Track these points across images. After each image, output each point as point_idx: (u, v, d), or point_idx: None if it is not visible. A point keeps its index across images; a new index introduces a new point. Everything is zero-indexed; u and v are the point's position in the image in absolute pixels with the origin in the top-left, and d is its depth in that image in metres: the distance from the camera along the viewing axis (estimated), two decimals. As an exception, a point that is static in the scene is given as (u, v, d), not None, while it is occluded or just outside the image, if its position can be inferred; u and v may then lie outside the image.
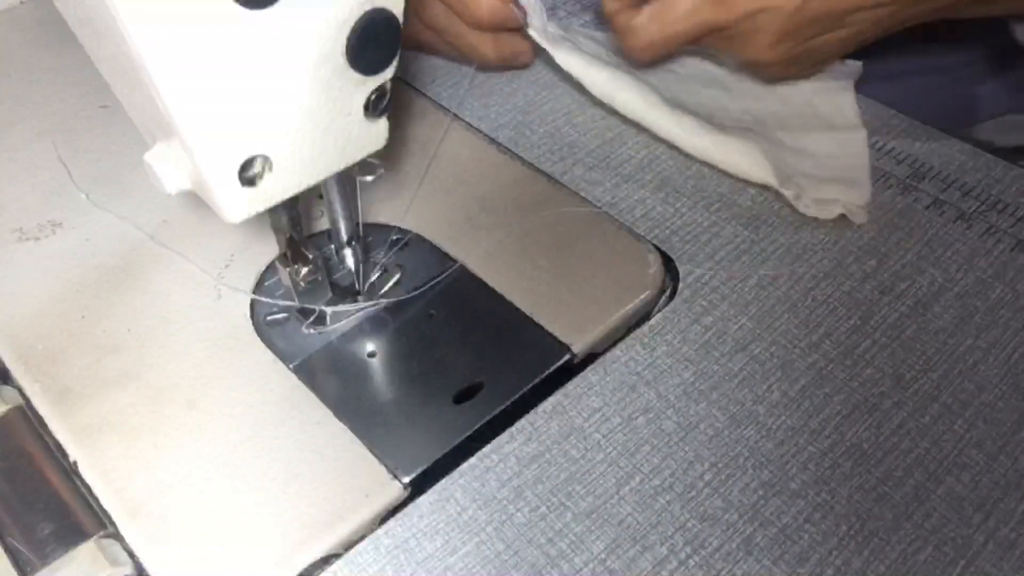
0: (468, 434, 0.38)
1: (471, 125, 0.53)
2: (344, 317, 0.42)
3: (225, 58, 0.28)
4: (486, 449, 0.38)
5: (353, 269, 0.42)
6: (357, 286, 0.42)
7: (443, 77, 0.56)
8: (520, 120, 0.53)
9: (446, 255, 0.45)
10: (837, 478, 0.37)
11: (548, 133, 0.53)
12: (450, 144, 0.51)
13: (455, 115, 0.53)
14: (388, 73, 0.33)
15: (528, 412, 0.39)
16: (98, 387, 0.40)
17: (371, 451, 0.37)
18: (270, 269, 0.45)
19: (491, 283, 0.44)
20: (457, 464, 0.37)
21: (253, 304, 0.43)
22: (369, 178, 0.37)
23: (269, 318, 0.43)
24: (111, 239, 0.47)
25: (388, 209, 0.47)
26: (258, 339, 0.42)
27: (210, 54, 0.28)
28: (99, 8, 0.27)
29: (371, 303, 0.43)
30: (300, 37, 0.29)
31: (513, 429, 0.38)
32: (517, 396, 0.39)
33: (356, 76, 0.32)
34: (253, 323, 0.42)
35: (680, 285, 0.44)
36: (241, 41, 0.28)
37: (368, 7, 0.31)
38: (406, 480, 0.36)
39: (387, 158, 0.50)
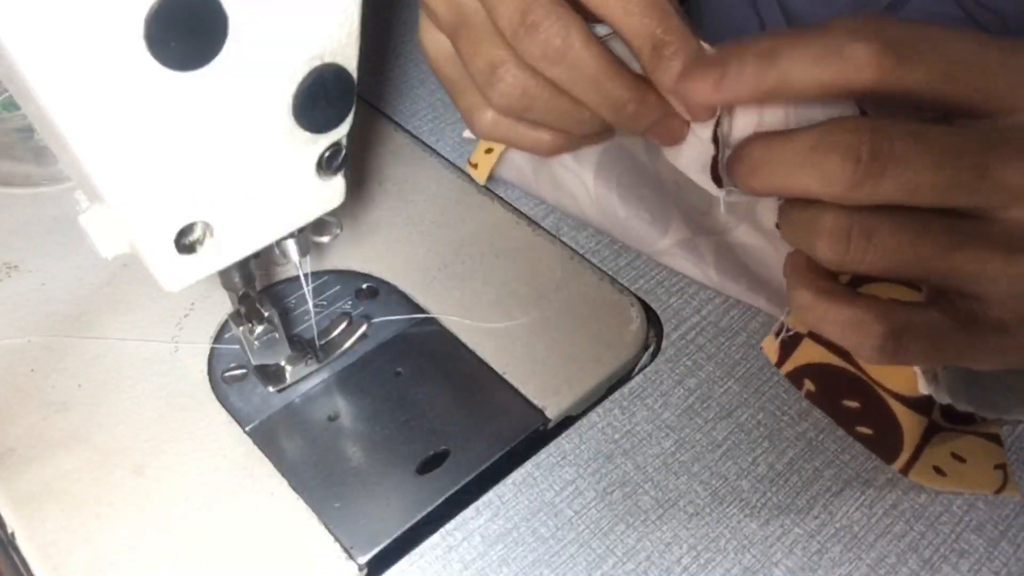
0: (430, 509, 0.36)
1: (450, 162, 0.50)
2: (304, 375, 0.40)
3: (154, 122, 0.26)
4: (449, 526, 0.35)
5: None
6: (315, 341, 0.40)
7: (424, 111, 0.54)
8: (502, 157, 0.51)
9: (417, 306, 0.43)
10: (825, 564, 0.34)
11: (531, 171, 0.50)
12: (427, 183, 0.49)
13: (434, 151, 0.51)
14: (343, 130, 0.31)
15: (496, 484, 0.37)
16: (42, 449, 0.38)
17: (326, 527, 0.35)
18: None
19: (463, 338, 0.41)
20: (418, 542, 0.35)
21: (211, 357, 0.41)
22: (325, 239, 0.34)
23: (227, 374, 0.40)
24: (67, 284, 0.44)
25: (357, 254, 0.45)
26: (214, 397, 0.39)
27: (136, 118, 0.26)
28: (16, 68, 0.25)
29: (333, 358, 0.40)
30: (237, 97, 0.27)
31: (479, 503, 0.36)
32: (485, 467, 0.37)
33: (305, 134, 0.30)
34: (210, 379, 0.40)
35: (664, 342, 0.41)
36: (171, 103, 0.26)
37: (316, 63, 0.28)
38: (362, 561, 0.34)
39: (359, 198, 0.48)
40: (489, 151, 0.46)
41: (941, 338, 0.29)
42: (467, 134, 0.50)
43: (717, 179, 0.31)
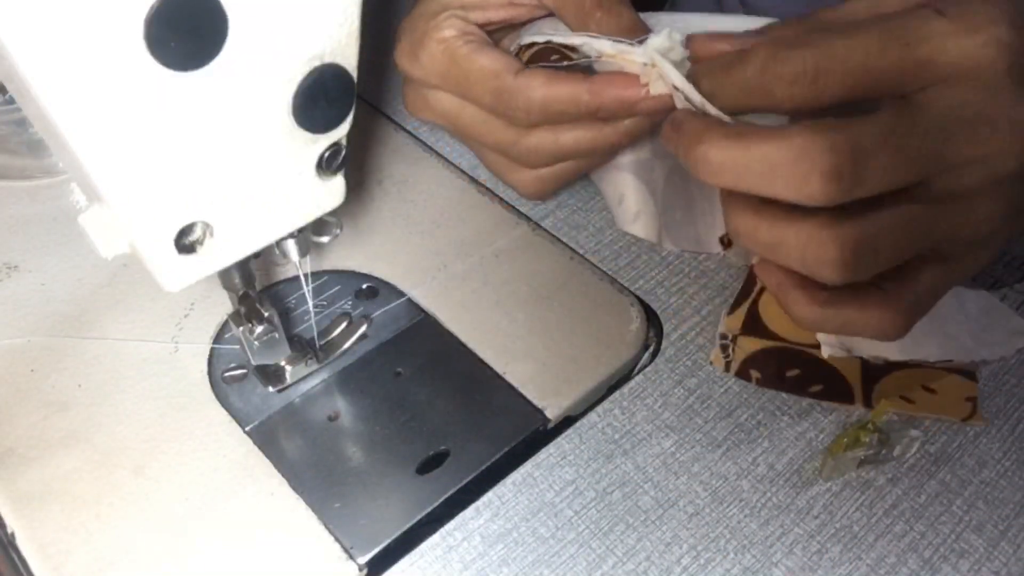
0: (430, 509, 0.36)
1: (450, 162, 0.50)
2: (304, 375, 0.40)
3: (154, 122, 0.26)
4: (449, 526, 0.35)
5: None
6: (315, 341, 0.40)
7: (423, 110, 0.54)
8: (502, 157, 0.51)
9: (417, 306, 0.43)
10: (825, 564, 0.34)
11: (531, 171, 0.50)
12: (427, 183, 0.49)
13: (434, 151, 0.51)
14: (343, 130, 0.31)
15: (496, 484, 0.37)
16: (42, 449, 0.38)
17: (326, 527, 0.35)
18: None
19: (463, 338, 0.41)
20: (418, 542, 0.35)
21: (211, 357, 0.41)
22: (325, 239, 0.34)
23: (227, 374, 0.40)
24: (67, 284, 0.44)
25: (358, 254, 0.45)
26: (214, 398, 0.39)
27: (136, 119, 0.26)
28: (16, 68, 0.25)
29: (333, 358, 0.40)
30: (237, 97, 0.27)
31: (479, 503, 0.36)
32: (485, 467, 0.37)
33: (306, 134, 0.30)
34: (210, 379, 0.40)
35: (664, 342, 0.41)
36: (171, 103, 0.26)
37: (316, 63, 0.28)
38: (362, 560, 0.34)
39: (359, 198, 0.48)
40: None
41: (896, 235, 0.30)
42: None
43: None
